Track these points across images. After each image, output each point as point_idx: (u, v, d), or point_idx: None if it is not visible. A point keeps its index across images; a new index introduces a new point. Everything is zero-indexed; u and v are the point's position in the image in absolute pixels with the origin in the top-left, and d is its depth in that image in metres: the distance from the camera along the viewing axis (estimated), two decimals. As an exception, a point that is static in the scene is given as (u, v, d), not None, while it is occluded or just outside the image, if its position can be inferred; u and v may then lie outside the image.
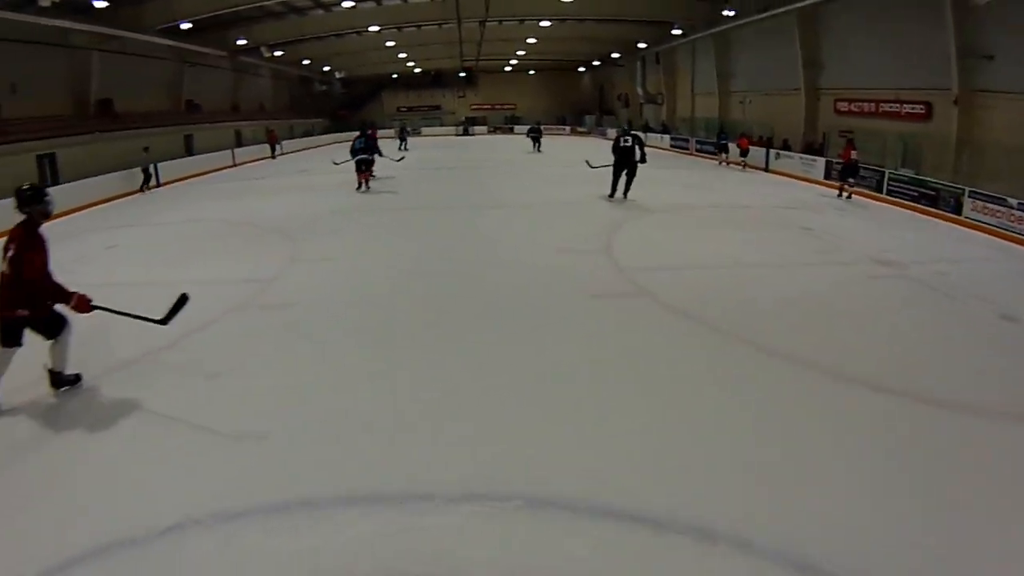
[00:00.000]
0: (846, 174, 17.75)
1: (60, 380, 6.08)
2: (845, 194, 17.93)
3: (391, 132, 42.30)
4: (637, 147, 16.00)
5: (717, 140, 27.75)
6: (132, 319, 6.14)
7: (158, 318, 6.18)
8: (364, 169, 19.26)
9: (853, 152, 17.62)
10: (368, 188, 19.56)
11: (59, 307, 5.87)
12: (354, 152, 19.31)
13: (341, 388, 6.08)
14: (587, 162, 19.76)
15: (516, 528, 3.98)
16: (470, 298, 8.98)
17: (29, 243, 5.55)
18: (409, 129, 41.31)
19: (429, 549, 3.77)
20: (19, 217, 5.60)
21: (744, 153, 24.97)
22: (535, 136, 35.66)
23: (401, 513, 4.13)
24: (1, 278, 5.53)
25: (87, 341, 6.74)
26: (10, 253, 5.45)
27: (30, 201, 5.68)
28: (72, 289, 5.85)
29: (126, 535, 3.88)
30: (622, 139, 16.08)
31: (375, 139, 21.80)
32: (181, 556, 3.76)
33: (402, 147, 34.37)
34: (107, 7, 19.73)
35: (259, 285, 9.52)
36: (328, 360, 6.81)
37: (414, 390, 6.03)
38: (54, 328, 5.92)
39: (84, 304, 5.83)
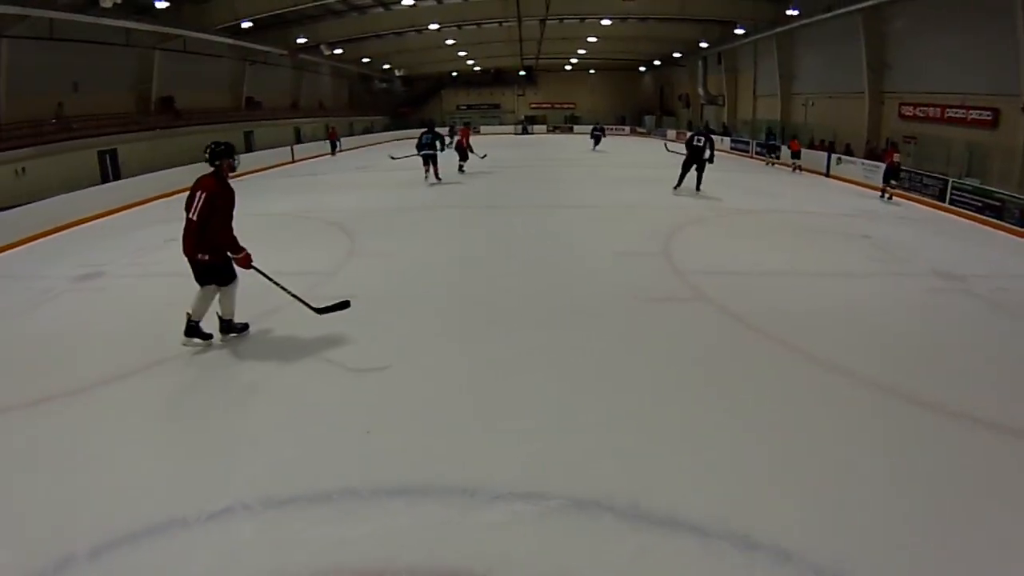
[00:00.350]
0: (888, 176, 18.00)
1: (229, 327, 7.07)
2: (887, 195, 18.14)
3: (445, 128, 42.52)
4: (708, 147, 17.00)
5: (765, 141, 28.15)
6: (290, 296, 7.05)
7: (316, 307, 6.96)
8: (429, 162, 20.37)
9: (896, 155, 17.90)
10: (439, 179, 20.57)
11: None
12: (420, 147, 20.37)
13: (393, 381, 6.17)
14: (665, 145, 21.76)
15: (560, 527, 4.00)
16: (527, 298, 8.94)
17: (220, 192, 6.35)
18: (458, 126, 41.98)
19: (470, 545, 3.80)
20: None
21: (796, 155, 24.48)
22: (597, 135, 36.44)
23: (444, 507, 4.17)
24: (189, 224, 6.34)
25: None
26: (199, 202, 6.25)
27: (221, 155, 6.46)
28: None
29: (177, 515, 4.04)
30: (695, 138, 17.23)
31: (465, 138, 23.94)
32: (227, 539, 3.87)
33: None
34: (168, 7, 20.26)
35: (319, 278, 9.69)
36: (381, 352, 6.85)
37: (467, 386, 6.11)
38: (227, 277, 6.79)
39: (247, 261, 6.73)
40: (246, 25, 24.52)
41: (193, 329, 6.77)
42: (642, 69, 52.67)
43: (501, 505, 4.17)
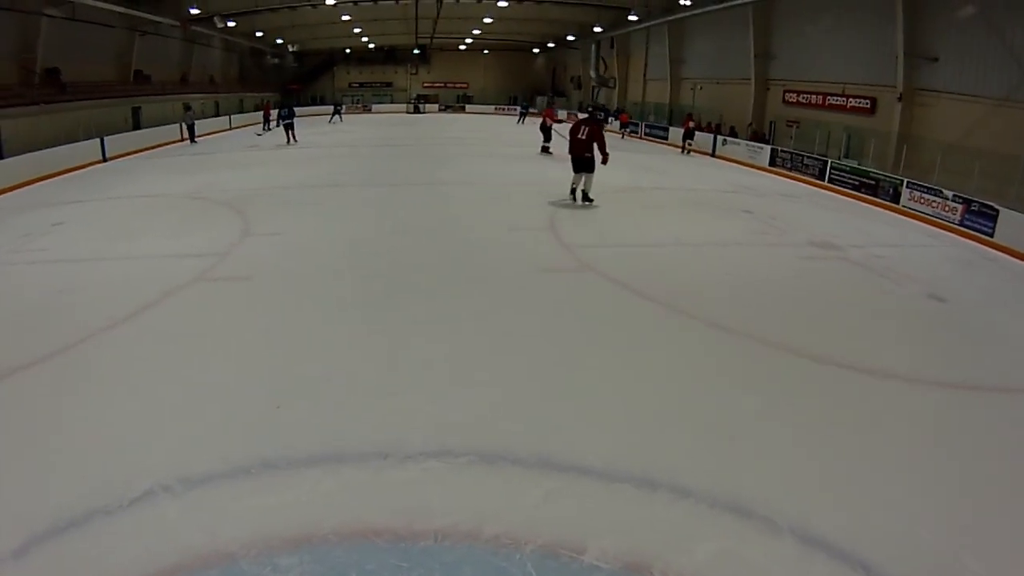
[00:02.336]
0: (687, 137, 25.78)
1: (586, 197, 13.39)
2: (686, 151, 25.53)
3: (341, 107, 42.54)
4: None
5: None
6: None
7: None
8: (289, 129, 26.00)
9: (691, 123, 26.08)
10: (296, 140, 25.82)
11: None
12: (281, 119, 26.65)
13: (295, 356, 6.31)
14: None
15: (470, 480, 4.35)
16: (424, 270, 9.19)
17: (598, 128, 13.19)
18: (343, 108, 44.53)
19: (389, 502, 4.06)
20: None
21: (624, 126, 30.40)
22: (523, 112, 43.06)
23: (361, 471, 4.42)
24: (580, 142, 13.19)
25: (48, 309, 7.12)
26: (586, 131, 13.38)
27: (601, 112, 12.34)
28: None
29: (98, 505, 4.01)
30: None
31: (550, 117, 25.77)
32: (153, 522, 3.90)
33: (333, 120, 39.55)
34: (58, -29, 19.05)
35: (213, 259, 9.54)
36: (284, 329, 7.02)
37: (370, 356, 6.35)
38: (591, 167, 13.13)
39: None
40: (137, -7, 23.36)
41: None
42: (536, 51, 53.40)
43: (414, 464, 4.47)
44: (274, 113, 30.47)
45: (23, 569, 3.57)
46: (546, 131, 23.55)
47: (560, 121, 24.79)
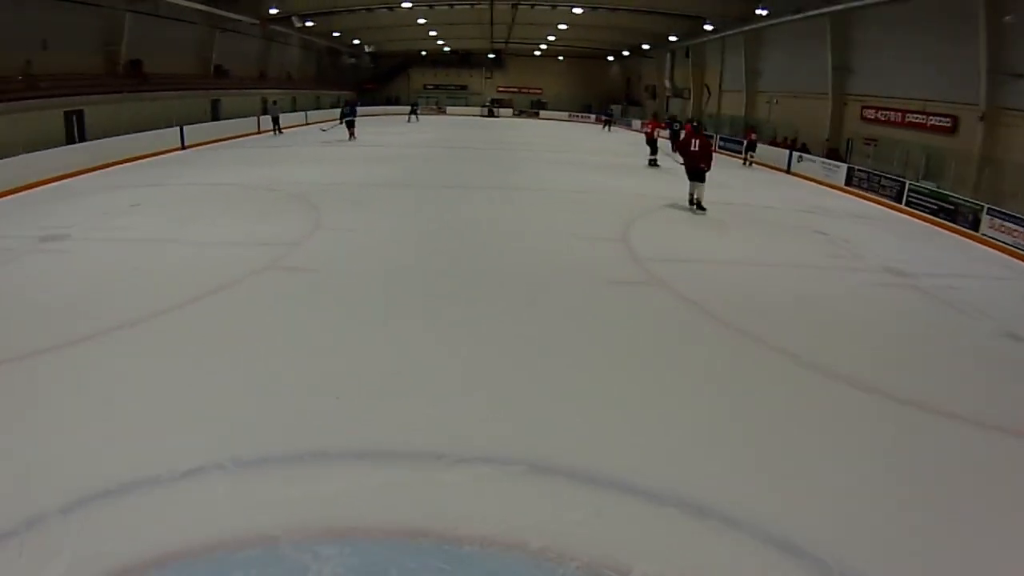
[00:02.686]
0: (748, 149, 25.61)
1: (701, 206, 13.91)
2: (748, 163, 25.18)
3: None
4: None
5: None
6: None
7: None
8: (351, 127, 27.70)
9: (753, 135, 26.00)
10: (355, 137, 27.26)
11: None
12: (343, 117, 28.38)
13: (359, 349, 6.45)
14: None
15: (521, 491, 4.28)
16: (489, 274, 9.27)
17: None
18: (419, 107, 45.86)
19: (438, 504, 4.04)
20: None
21: (751, 147, 26.23)
22: (607, 120, 43.91)
23: (411, 469, 4.42)
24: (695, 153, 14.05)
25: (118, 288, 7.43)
26: (699, 143, 14.17)
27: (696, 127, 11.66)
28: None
29: (151, 474, 4.18)
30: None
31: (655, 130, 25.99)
32: (201, 497, 4.03)
33: (411, 119, 40.96)
34: (142, -31, 19.83)
35: (285, 248, 9.84)
36: (350, 322, 7.16)
37: (432, 357, 6.38)
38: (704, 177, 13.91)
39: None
40: (219, -9, 24.13)
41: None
42: (610, 59, 53.01)
43: (466, 468, 4.44)
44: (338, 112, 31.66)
45: (70, 526, 3.72)
46: (653, 143, 23.35)
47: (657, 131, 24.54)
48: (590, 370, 6.30)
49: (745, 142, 26.13)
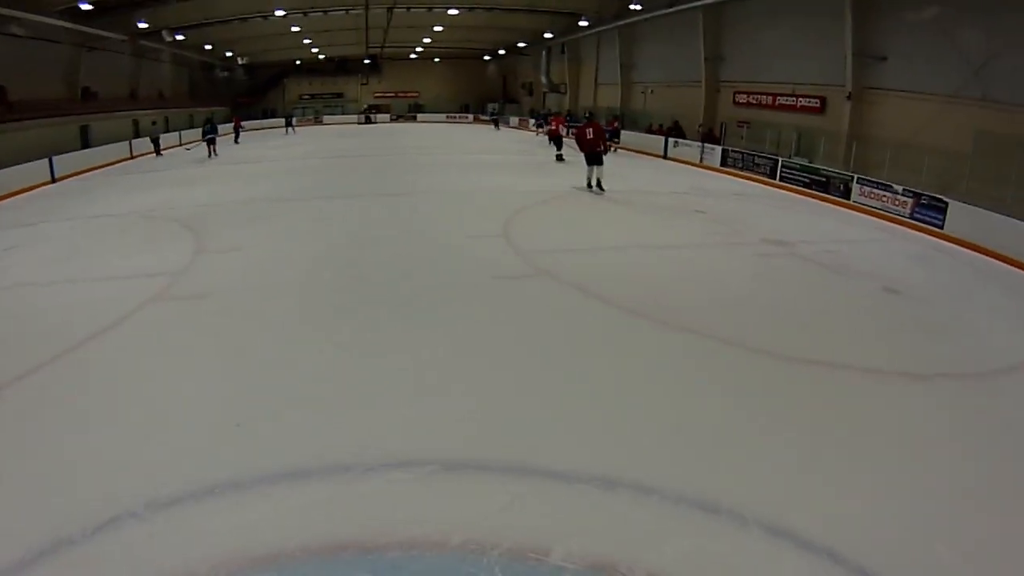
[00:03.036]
0: (612, 136, 26.24)
1: (600, 185, 15.43)
2: (613, 149, 25.31)
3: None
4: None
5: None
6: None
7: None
8: (212, 144, 27.46)
9: (616, 123, 28.42)
10: (216, 155, 27.06)
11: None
12: (204, 134, 28.01)
13: (255, 373, 6.34)
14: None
15: (435, 490, 4.44)
16: (383, 282, 9.29)
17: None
18: (295, 119, 45.85)
19: (356, 515, 4.13)
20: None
21: (614, 135, 28.06)
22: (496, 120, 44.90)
23: (325, 484, 4.48)
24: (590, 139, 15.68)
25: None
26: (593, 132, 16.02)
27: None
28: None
29: (63, 535, 3.96)
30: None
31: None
32: (121, 550, 3.89)
33: (288, 132, 41.46)
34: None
35: (170, 278, 9.43)
36: (243, 346, 7.02)
37: (330, 370, 6.41)
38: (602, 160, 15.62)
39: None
40: (85, 7, 22.71)
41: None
42: (487, 58, 53.64)
43: (378, 476, 4.56)
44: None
45: None
46: (558, 140, 24.15)
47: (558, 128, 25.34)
48: (487, 364, 6.52)
49: (609, 131, 27.37)
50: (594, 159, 16.42)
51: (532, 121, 40.26)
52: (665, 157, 25.39)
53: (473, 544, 3.82)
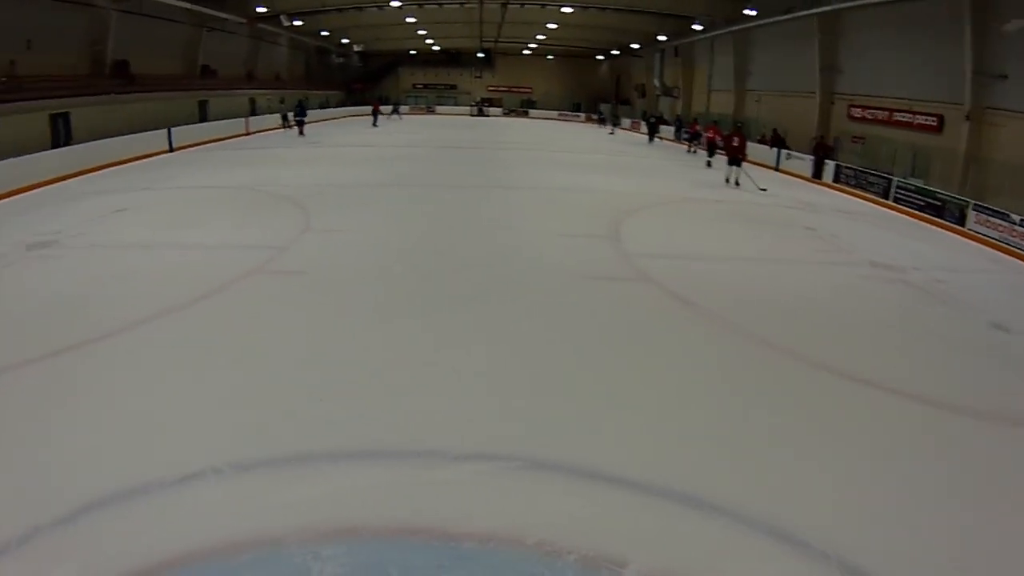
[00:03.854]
0: (692, 139, 28.84)
1: (738, 182, 18.24)
2: (692, 151, 27.58)
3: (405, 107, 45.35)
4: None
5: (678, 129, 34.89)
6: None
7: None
8: (300, 124, 30.11)
9: (697, 127, 29.10)
10: (303, 135, 29.23)
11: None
12: (296, 115, 30.46)
13: (345, 351, 6.44)
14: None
15: (516, 486, 4.30)
16: (479, 273, 9.28)
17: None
18: (401, 106, 46.74)
19: (437, 502, 4.06)
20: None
21: (695, 137, 29.55)
22: (603, 119, 43.77)
23: (405, 467, 4.45)
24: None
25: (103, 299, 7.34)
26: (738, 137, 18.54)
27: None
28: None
29: (153, 478, 4.18)
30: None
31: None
32: (198, 502, 4.03)
33: (392, 117, 41.94)
34: (127, -32, 19.63)
35: (272, 252, 9.78)
36: (336, 325, 7.14)
37: (421, 355, 6.39)
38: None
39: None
40: (205, -11, 23.94)
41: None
42: (600, 58, 53.10)
43: (464, 465, 4.47)
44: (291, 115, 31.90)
45: (70, 534, 3.73)
46: (711, 147, 24.08)
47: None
48: (583, 366, 6.32)
49: (689, 133, 28.97)
50: (735, 161, 18.98)
51: (676, 132, 35.49)
52: (777, 168, 24.23)
53: (549, 545, 3.71)
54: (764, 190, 17.92)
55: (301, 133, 29.74)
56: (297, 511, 3.92)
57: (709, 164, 23.11)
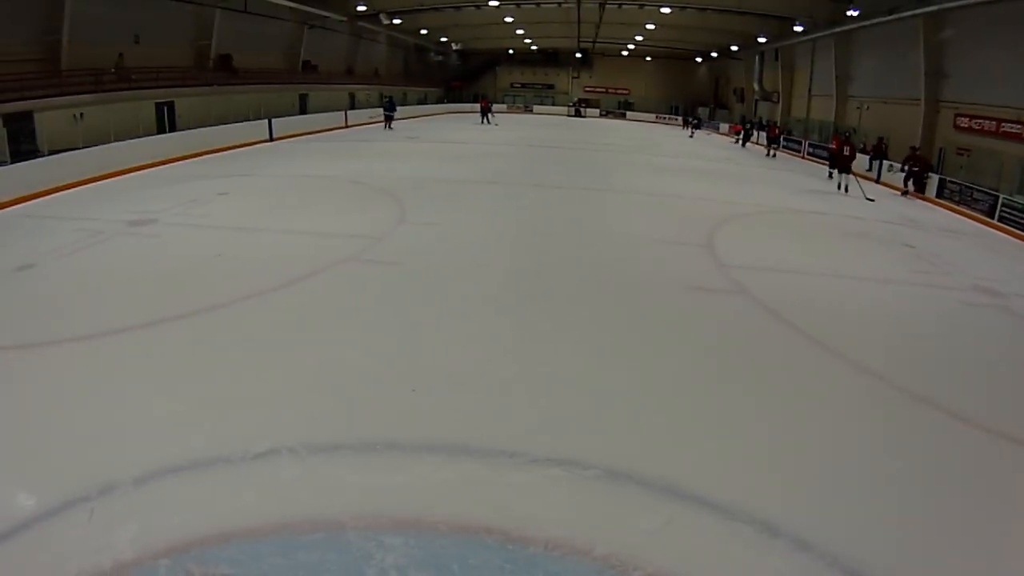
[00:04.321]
0: (772, 143, 29.00)
1: (847, 189, 18.62)
2: (771, 154, 28.50)
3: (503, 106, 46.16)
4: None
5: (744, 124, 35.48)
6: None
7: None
8: (389, 119, 31.44)
9: (776, 130, 29.46)
10: (392, 128, 30.56)
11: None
12: (385, 110, 31.68)
13: (436, 344, 6.54)
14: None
15: (592, 495, 4.24)
16: (569, 274, 9.25)
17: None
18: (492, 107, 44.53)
19: (506, 503, 4.05)
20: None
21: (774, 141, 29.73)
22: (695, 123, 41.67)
23: (482, 465, 4.45)
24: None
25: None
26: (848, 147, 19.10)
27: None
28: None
29: (223, 453, 4.35)
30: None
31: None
32: (271, 479, 4.16)
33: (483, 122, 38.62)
34: (232, -33, 20.67)
35: (368, 241, 10.09)
36: (427, 317, 7.28)
37: (509, 354, 6.42)
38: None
39: None
40: (307, -11, 24.87)
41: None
42: (698, 60, 51.91)
43: (538, 469, 4.41)
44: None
45: (140, 496, 3.93)
46: (832, 158, 22.20)
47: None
48: (672, 379, 6.17)
49: (768, 136, 29.20)
50: (845, 169, 19.45)
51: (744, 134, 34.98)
52: (878, 181, 23.07)
53: (616, 559, 3.65)
54: (872, 200, 17.69)
55: (389, 127, 30.72)
56: (365, 498, 3.98)
57: (831, 176, 21.62)
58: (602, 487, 4.30)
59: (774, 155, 26.55)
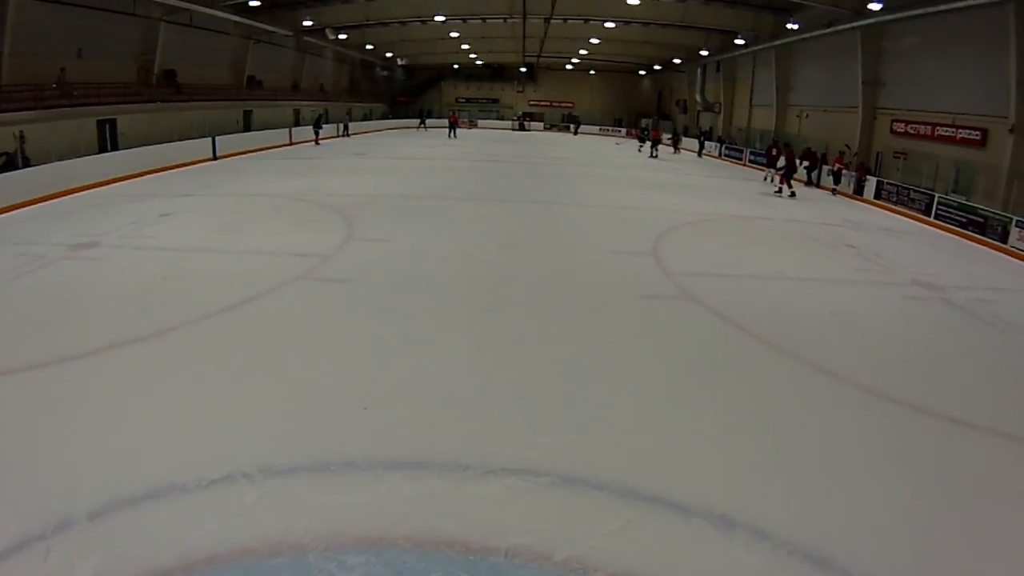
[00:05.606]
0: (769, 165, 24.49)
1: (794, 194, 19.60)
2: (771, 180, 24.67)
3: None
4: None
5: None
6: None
7: None
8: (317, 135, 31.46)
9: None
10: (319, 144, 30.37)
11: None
12: (315, 126, 31.68)
13: (387, 361, 6.44)
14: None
15: (549, 501, 4.26)
16: (523, 286, 9.23)
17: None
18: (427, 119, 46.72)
19: (466, 516, 4.04)
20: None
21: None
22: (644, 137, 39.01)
23: (441, 480, 4.42)
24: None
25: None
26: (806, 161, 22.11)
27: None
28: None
29: (177, 481, 4.23)
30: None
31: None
32: (229, 505, 4.06)
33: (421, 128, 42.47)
34: (177, -20, 20.22)
35: (316, 260, 9.89)
36: (379, 333, 7.16)
37: (462, 367, 6.37)
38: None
39: None
40: (254, 3, 24.41)
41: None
42: (642, 73, 52.94)
43: (495, 479, 4.42)
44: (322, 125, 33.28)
45: (97, 531, 3.80)
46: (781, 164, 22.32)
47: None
48: (626, 385, 6.21)
49: (766, 157, 28.08)
50: (790, 175, 20.89)
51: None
52: (817, 185, 23.82)
53: (577, 563, 3.69)
54: (793, 195, 19.58)
55: (317, 143, 31.36)
56: (325, 517, 3.96)
57: (793, 195, 21.45)
58: (558, 493, 4.34)
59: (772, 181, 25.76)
